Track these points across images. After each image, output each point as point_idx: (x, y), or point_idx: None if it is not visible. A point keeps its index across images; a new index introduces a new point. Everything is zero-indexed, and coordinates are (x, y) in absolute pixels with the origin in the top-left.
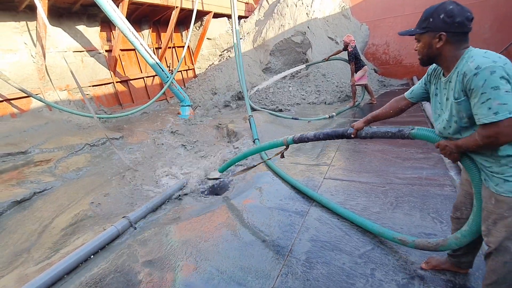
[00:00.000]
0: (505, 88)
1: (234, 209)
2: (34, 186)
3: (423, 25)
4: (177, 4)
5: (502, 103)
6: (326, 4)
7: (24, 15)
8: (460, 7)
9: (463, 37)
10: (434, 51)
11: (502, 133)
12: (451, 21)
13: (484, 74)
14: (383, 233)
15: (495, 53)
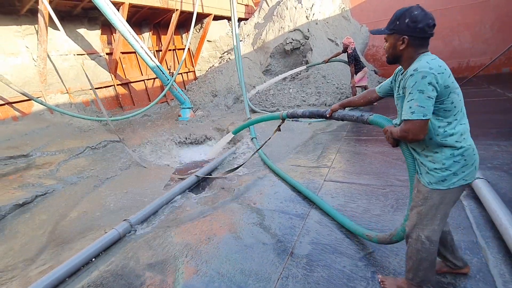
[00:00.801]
0: (429, 94)
1: (235, 211)
2: (36, 189)
3: (391, 26)
4: (177, 7)
5: (421, 105)
6: (326, 6)
7: (26, 18)
8: (424, 14)
9: (423, 42)
10: (398, 52)
11: (411, 131)
12: (414, 26)
13: (417, 76)
14: (356, 230)
15: (439, 62)
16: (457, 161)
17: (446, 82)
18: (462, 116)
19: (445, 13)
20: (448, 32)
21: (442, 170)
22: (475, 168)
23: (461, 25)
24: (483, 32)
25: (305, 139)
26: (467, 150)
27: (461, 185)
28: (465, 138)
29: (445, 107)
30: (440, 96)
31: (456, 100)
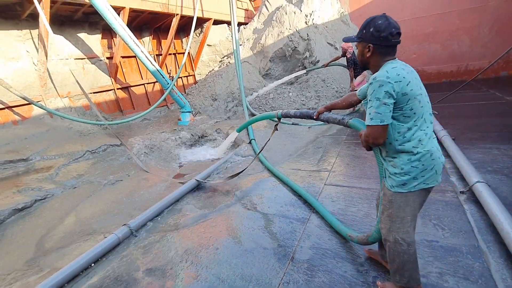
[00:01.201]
0: (385, 101)
1: (235, 215)
2: (35, 194)
3: (359, 35)
4: (177, 12)
5: (378, 112)
6: (325, 11)
7: (27, 23)
8: (387, 23)
9: (388, 50)
10: (365, 59)
11: (371, 136)
12: (378, 35)
13: (375, 85)
14: (340, 230)
15: (399, 71)
16: (414, 166)
17: (404, 90)
18: (423, 122)
19: (444, 17)
20: (447, 36)
21: (401, 174)
22: (435, 173)
23: (459, 29)
24: (482, 36)
25: (305, 143)
26: (424, 155)
27: (423, 189)
28: (423, 144)
29: (404, 113)
30: (398, 103)
31: (417, 107)
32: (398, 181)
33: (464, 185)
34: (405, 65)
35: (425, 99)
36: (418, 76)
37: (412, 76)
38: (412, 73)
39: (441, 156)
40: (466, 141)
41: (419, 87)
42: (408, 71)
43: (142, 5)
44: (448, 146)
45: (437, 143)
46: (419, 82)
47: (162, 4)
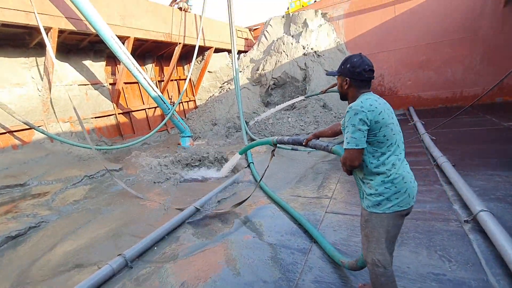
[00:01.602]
0: (360, 127)
1: (234, 245)
2: (30, 220)
3: (339, 69)
4: (180, 41)
5: (353, 137)
6: (322, 40)
7: (34, 51)
8: (361, 61)
9: (362, 83)
10: (344, 91)
11: (347, 158)
12: (353, 70)
13: (350, 113)
14: (333, 256)
15: (372, 102)
16: (387, 187)
17: (376, 118)
18: (396, 148)
19: (437, 46)
20: (440, 64)
21: (376, 195)
22: (408, 196)
23: (452, 58)
24: (474, 64)
25: (305, 169)
26: (396, 178)
27: (397, 211)
28: (396, 168)
29: (378, 139)
30: (372, 130)
31: (389, 134)
32: (373, 202)
33: (467, 214)
34: (378, 97)
35: (397, 128)
36: (390, 108)
37: (384, 107)
38: (385, 105)
39: (413, 181)
40: (467, 167)
41: (390, 117)
42: (381, 103)
43: (147, 35)
44: (449, 172)
45: (409, 168)
46: (390, 113)
47: (166, 34)
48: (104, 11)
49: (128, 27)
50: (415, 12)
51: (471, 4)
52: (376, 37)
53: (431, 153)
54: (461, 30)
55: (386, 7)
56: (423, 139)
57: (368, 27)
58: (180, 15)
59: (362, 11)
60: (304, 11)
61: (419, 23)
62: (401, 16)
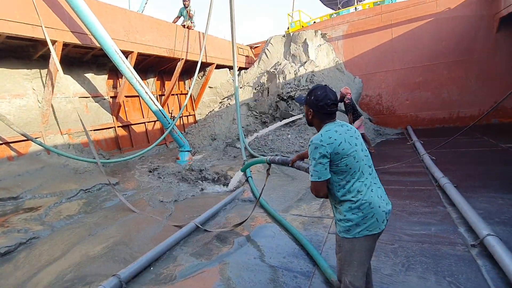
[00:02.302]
0: (320, 161)
1: (234, 267)
2: (21, 236)
3: (305, 99)
4: (182, 56)
5: (315, 170)
6: (321, 59)
7: (37, 63)
8: (324, 94)
9: (325, 116)
10: (309, 120)
11: (313, 190)
12: (316, 103)
13: (311, 147)
14: (333, 282)
15: (331, 134)
16: (355, 213)
17: (336, 150)
18: (361, 174)
19: (433, 68)
20: (436, 85)
21: (345, 221)
22: (376, 220)
23: (448, 79)
24: (469, 85)
25: (305, 186)
26: (362, 204)
27: (367, 235)
28: (362, 194)
29: (340, 169)
30: (333, 161)
31: (352, 162)
32: (343, 227)
33: (473, 238)
34: (340, 126)
35: (361, 154)
36: (353, 134)
37: (344, 136)
38: (345, 134)
39: (383, 205)
40: (469, 189)
41: (353, 144)
42: (341, 132)
43: (150, 50)
44: (452, 194)
45: (381, 192)
46: (353, 139)
47: (168, 49)
48: (109, 26)
49: (132, 42)
50: (411, 35)
51: (465, 29)
52: (374, 58)
53: (432, 173)
54: (457, 52)
55: (384, 30)
56: (423, 159)
57: (366, 48)
58: (183, 32)
59: (360, 33)
60: (304, 31)
61: (416, 45)
62: (398, 38)
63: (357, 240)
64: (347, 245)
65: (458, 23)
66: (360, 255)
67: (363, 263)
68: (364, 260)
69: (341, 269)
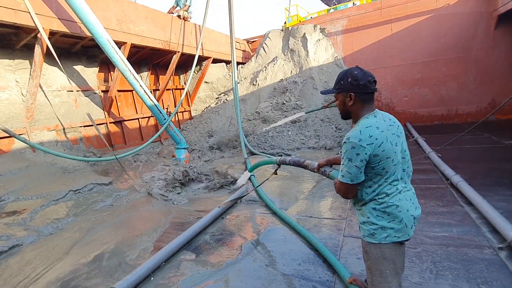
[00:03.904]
0: (356, 163)
1: (244, 276)
2: (1, 244)
3: (337, 86)
4: (178, 49)
5: (349, 172)
6: (320, 54)
7: (20, 53)
8: (363, 73)
9: (367, 97)
10: (347, 108)
11: (341, 191)
12: (357, 83)
13: (348, 146)
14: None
15: (372, 131)
16: (379, 215)
17: (375, 151)
18: (394, 179)
19: (431, 64)
20: (435, 82)
21: (368, 223)
22: (405, 226)
23: (447, 76)
24: (468, 82)
25: (311, 185)
26: (389, 206)
27: (395, 242)
28: (389, 196)
29: (376, 172)
30: (370, 163)
31: (389, 166)
32: (367, 231)
33: (499, 240)
34: (382, 121)
35: (399, 156)
36: (396, 130)
37: (386, 135)
38: (387, 131)
39: (412, 209)
40: (482, 187)
41: (394, 144)
42: (383, 129)
43: (144, 41)
44: (468, 193)
45: (409, 195)
46: (395, 137)
47: (164, 41)
48: (101, 14)
49: (126, 32)
50: (411, 31)
51: (464, 25)
52: (373, 54)
53: (442, 171)
54: (455, 49)
55: (383, 25)
56: (429, 157)
57: (365, 43)
58: (179, 23)
59: (359, 28)
60: (303, 25)
61: (415, 42)
62: (398, 34)
63: (385, 247)
64: (375, 251)
65: (457, 20)
66: (393, 264)
67: (397, 272)
68: (398, 268)
69: (372, 281)
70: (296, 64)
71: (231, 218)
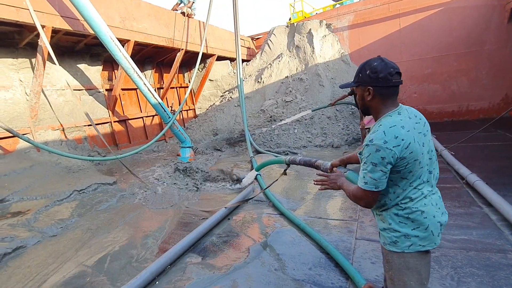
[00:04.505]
0: (381, 168)
1: (253, 281)
2: (6, 245)
3: (356, 79)
4: (182, 47)
5: (373, 178)
6: (326, 50)
7: (24, 52)
8: (384, 64)
9: (389, 91)
10: (366, 103)
11: (363, 200)
12: (375, 76)
13: (371, 149)
14: None
15: (397, 132)
16: (402, 221)
17: (403, 154)
18: (420, 182)
19: (441, 60)
20: (445, 78)
21: (390, 230)
22: (431, 233)
23: (457, 71)
24: (480, 78)
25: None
26: (413, 212)
27: (420, 251)
28: (414, 201)
29: (401, 175)
30: (396, 167)
31: (416, 169)
32: (388, 238)
33: None
34: (407, 118)
35: (426, 158)
36: (422, 129)
37: (413, 134)
38: (414, 130)
39: (438, 215)
40: (501, 187)
41: (420, 144)
42: (409, 128)
43: (148, 39)
44: (487, 193)
45: (435, 199)
46: (421, 137)
47: (168, 39)
48: (104, 12)
49: (129, 30)
50: (420, 25)
51: (476, 19)
52: (381, 49)
53: (456, 170)
54: (467, 44)
55: (391, 20)
56: (441, 154)
57: (373, 39)
58: (183, 20)
59: (367, 23)
60: (309, 21)
61: (424, 36)
62: (406, 29)
63: (410, 256)
64: (397, 261)
65: (469, 13)
66: (418, 275)
67: (422, 283)
68: (423, 279)
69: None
70: (302, 61)
71: (237, 219)
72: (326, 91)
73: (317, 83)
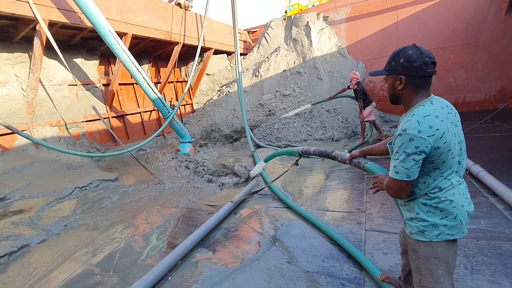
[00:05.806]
0: (415, 157)
1: (266, 274)
2: (10, 244)
3: (387, 67)
4: (180, 40)
5: (405, 167)
6: (323, 43)
7: (19, 46)
8: (419, 52)
9: (422, 81)
10: (397, 92)
11: (393, 189)
12: (409, 65)
13: (404, 138)
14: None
15: (431, 121)
16: (430, 211)
17: (437, 143)
18: (450, 172)
19: (439, 51)
20: (442, 70)
21: (417, 220)
22: (460, 223)
23: (454, 63)
24: (476, 70)
25: (323, 177)
26: (442, 202)
27: (448, 240)
28: (444, 192)
29: (434, 166)
30: (429, 157)
31: (448, 159)
32: (415, 228)
33: None
34: (440, 108)
35: (457, 148)
36: (454, 119)
37: (447, 124)
38: (447, 119)
39: (465, 204)
40: (503, 176)
41: (453, 134)
42: (443, 118)
43: (145, 32)
44: (492, 183)
45: (463, 189)
46: (453, 127)
47: (165, 32)
48: (100, 4)
49: (126, 22)
50: (417, 18)
51: (473, 11)
52: (378, 42)
53: None
54: (464, 35)
55: (388, 12)
56: None
57: (370, 31)
58: (180, 13)
59: (364, 16)
60: (306, 13)
61: (422, 29)
62: (403, 21)
63: (437, 245)
64: (425, 250)
65: (466, 5)
66: (445, 263)
67: (450, 272)
68: (450, 268)
69: (421, 281)
70: (300, 54)
71: (244, 213)
72: (324, 84)
73: (315, 76)
